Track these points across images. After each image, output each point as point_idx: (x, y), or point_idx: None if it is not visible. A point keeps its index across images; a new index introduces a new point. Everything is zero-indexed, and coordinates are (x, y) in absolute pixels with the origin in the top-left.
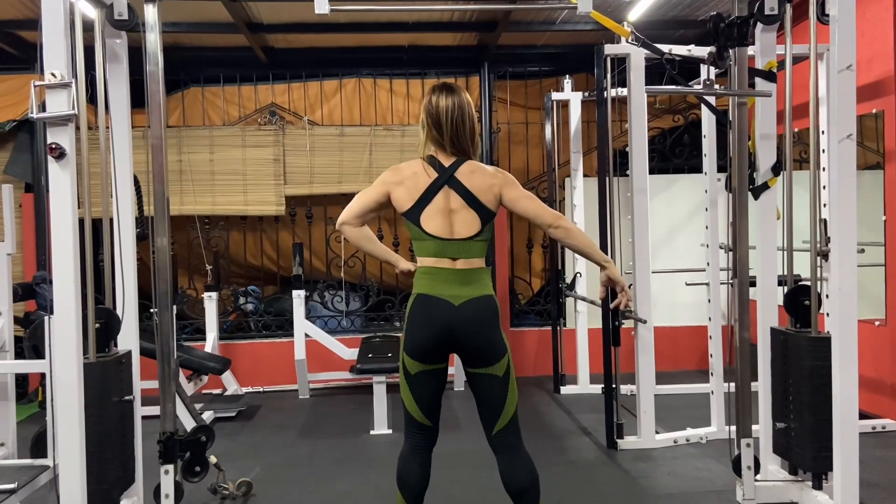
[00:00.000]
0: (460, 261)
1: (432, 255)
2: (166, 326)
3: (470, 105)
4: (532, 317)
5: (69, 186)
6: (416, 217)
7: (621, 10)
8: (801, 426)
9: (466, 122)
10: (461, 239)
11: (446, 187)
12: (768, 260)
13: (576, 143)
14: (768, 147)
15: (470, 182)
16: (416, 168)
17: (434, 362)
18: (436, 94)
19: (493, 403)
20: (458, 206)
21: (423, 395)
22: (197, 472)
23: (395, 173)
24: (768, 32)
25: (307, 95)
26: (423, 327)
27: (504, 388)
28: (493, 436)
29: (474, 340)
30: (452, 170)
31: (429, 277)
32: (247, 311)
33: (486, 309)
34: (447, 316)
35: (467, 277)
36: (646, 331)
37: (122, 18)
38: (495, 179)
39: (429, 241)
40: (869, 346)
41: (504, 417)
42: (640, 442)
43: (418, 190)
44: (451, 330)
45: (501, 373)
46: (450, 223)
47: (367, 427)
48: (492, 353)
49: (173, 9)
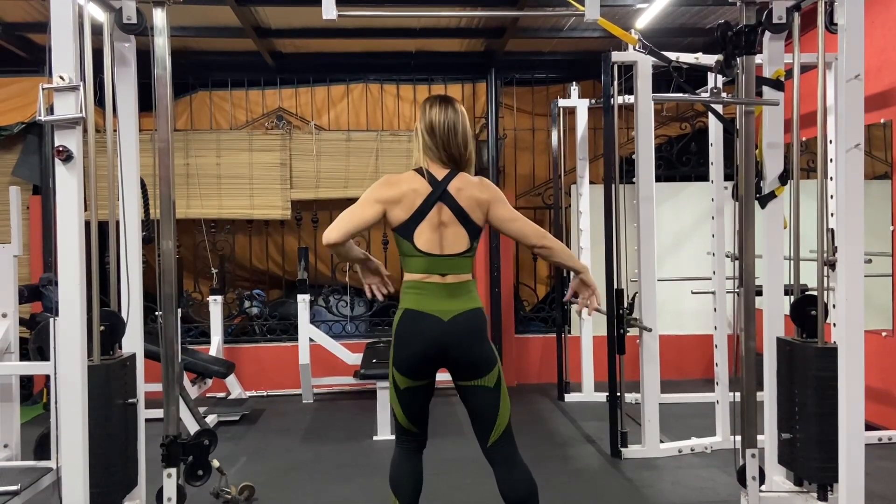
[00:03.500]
0: (449, 276)
1: (422, 272)
2: (170, 330)
3: (465, 117)
4: (537, 323)
5: (76, 189)
6: (409, 233)
7: (629, 17)
8: (806, 437)
9: (460, 135)
10: (451, 255)
11: (439, 202)
12: (775, 269)
13: (582, 150)
14: (776, 156)
15: (461, 198)
16: (415, 184)
17: (423, 378)
18: (430, 104)
19: (486, 415)
20: (449, 221)
21: (410, 406)
22: (199, 476)
23: (391, 189)
24: (776, 41)
25: (314, 100)
26: (411, 345)
27: (496, 398)
28: (489, 447)
29: (465, 354)
30: (445, 184)
31: (416, 293)
32: (252, 314)
33: (475, 321)
34: (436, 332)
35: (455, 291)
36: (651, 339)
37: (131, 22)
38: (483, 195)
39: (419, 258)
40: (876, 356)
41: (498, 428)
42: (645, 451)
43: (414, 206)
44: (441, 346)
45: (493, 383)
46: (440, 239)
47: (371, 432)
48: (483, 365)
49: (182, 13)
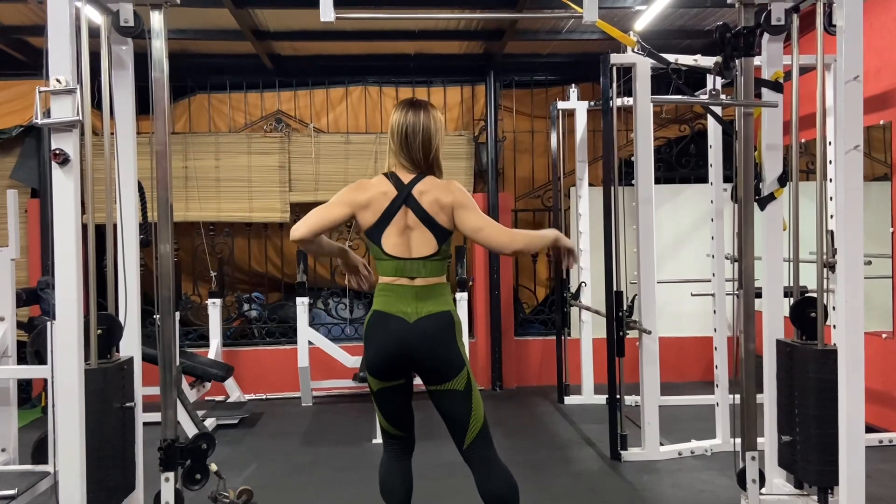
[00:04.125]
0: (418, 279)
1: (391, 275)
2: (168, 333)
3: (437, 122)
4: (536, 326)
5: (73, 192)
6: (377, 237)
7: (627, 19)
8: (806, 439)
9: (420, 138)
10: (419, 258)
11: (404, 206)
12: (774, 271)
13: (581, 152)
14: (775, 158)
15: (423, 201)
16: (384, 187)
17: (393, 379)
18: (402, 109)
19: (458, 418)
20: (415, 225)
21: (388, 409)
22: (197, 480)
23: (360, 192)
24: (775, 43)
25: (313, 103)
26: (377, 345)
27: (467, 401)
28: (465, 449)
29: (429, 357)
30: (410, 187)
31: (385, 294)
32: (251, 317)
33: (441, 324)
34: (400, 333)
35: (424, 293)
36: (651, 341)
37: (128, 25)
38: (447, 198)
39: (388, 261)
40: (876, 358)
41: (472, 430)
42: (645, 453)
43: (381, 210)
44: (405, 347)
45: (462, 386)
46: (407, 242)
47: (370, 436)
48: (448, 369)
49: (180, 16)
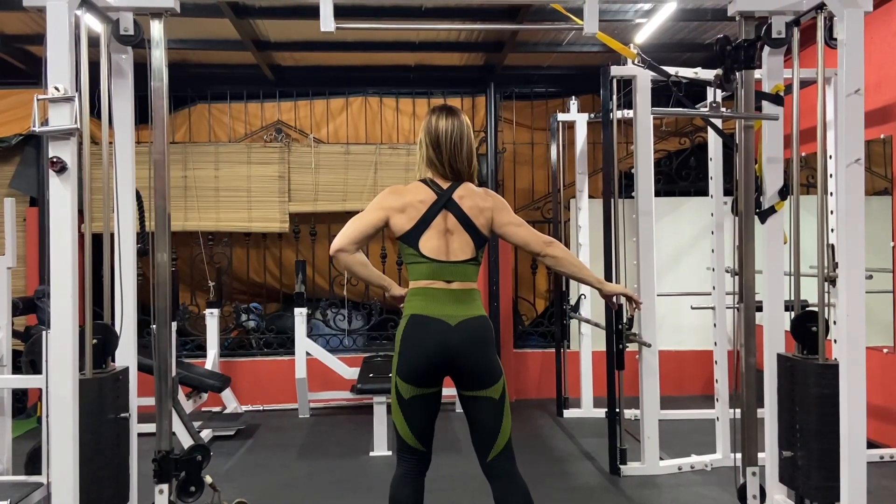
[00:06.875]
0: (455, 282)
1: (427, 277)
2: (164, 343)
3: (469, 128)
4: (535, 338)
5: (70, 200)
6: (414, 241)
7: (628, 32)
8: (807, 455)
9: (465, 145)
10: (457, 262)
11: (444, 210)
12: (775, 285)
13: (581, 165)
14: (775, 171)
15: (465, 205)
16: (420, 194)
17: (429, 386)
18: (436, 115)
19: (489, 428)
20: (455, 228)
21: (416, 420)
22: (192, 493)
23: (396, 198)
24: (775, 56)
25: (313, 113)
26: (417, 348)
27: (500, 411)
28: (489, 462)
29: (472, 361)
30: (450, 192)
31: (422, 297)
32: (248, 328)
33: (482, 329)
34: (443, 336)
35: (461, 297)
36: (650, 354)
37: (128, 34)
38: (486, 203)
39: (425, 264)
40: (877, 373)
41: (500, 442)
42: (644, 468)
43: (419, 215)
44: (448, 350)
45: (497, 395)
46: (446, 246)
47: (367, 448)
48: (489, 376)
49: (181, 25)
